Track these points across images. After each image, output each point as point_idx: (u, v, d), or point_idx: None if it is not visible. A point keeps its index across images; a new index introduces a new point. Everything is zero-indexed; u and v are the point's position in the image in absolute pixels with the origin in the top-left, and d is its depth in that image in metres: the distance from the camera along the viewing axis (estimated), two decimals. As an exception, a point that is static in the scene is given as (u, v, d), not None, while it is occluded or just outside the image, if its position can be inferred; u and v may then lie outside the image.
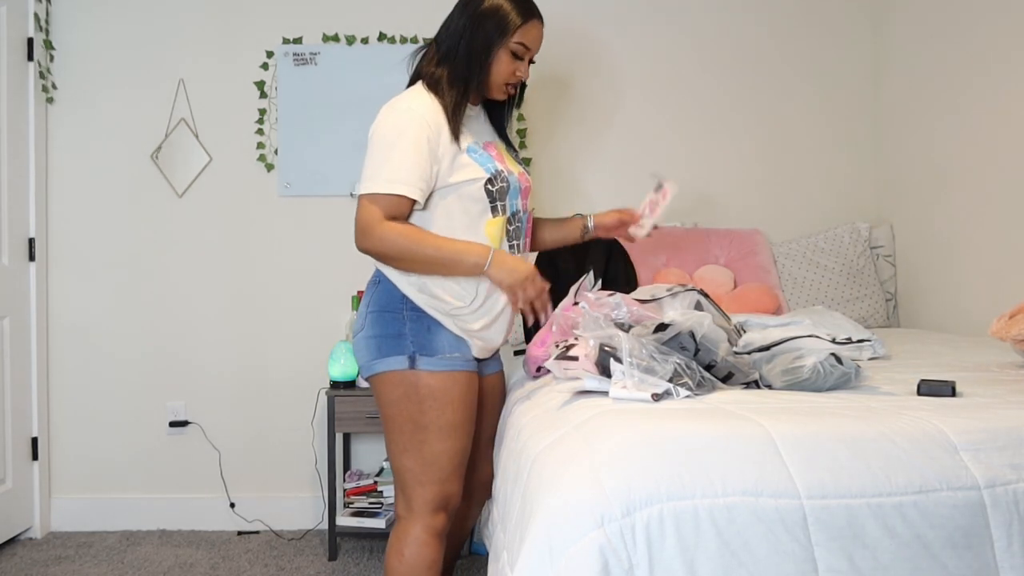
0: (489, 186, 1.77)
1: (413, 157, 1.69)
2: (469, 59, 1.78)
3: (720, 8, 3.31)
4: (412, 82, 1.85)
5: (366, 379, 1.82)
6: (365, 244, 1.71)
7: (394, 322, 1.77)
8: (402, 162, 1.69)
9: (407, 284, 1.78)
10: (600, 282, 1.96)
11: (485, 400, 1.97)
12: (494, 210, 1.79)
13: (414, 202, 1.73)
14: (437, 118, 1.74)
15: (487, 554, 1.88)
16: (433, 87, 1.79)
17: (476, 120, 1.88)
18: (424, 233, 1.73)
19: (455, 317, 1.79)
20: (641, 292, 1.76)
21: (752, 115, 3.31)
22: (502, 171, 1.80)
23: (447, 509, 1.80)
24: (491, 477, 2.00)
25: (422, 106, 1.74)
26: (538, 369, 1.95)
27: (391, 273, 1.80)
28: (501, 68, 1.80)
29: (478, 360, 1.87)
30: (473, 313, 1.79)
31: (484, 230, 1.78)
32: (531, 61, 1.86)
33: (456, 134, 1.75)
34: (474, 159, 1.78)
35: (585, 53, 3.29)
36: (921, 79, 3.05)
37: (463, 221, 1.77)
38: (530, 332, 2.36)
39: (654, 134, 3.30)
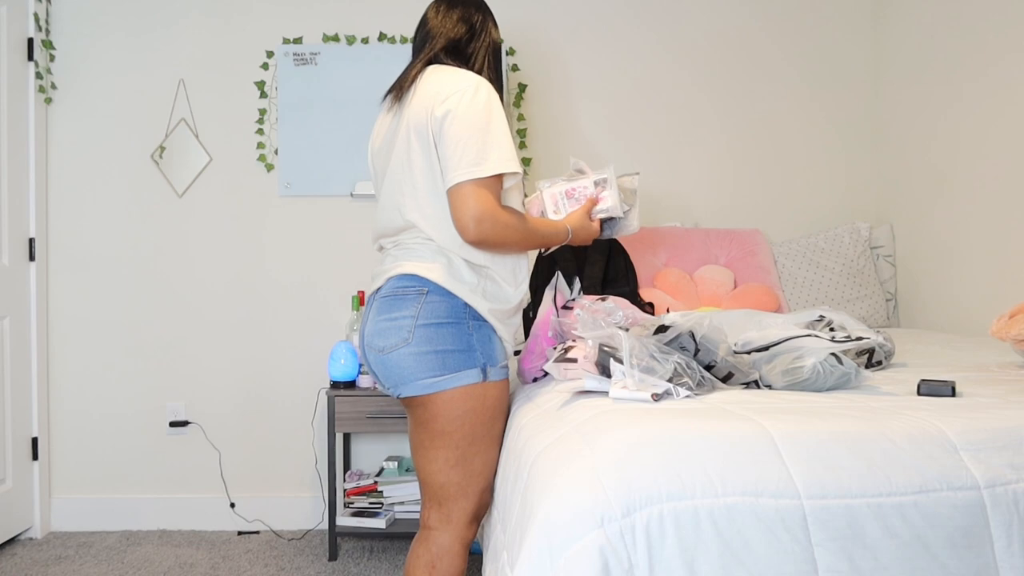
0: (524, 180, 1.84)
1: (509, 136, 1.66)
2: (497, 64, 1.84)
3: (719, 8, 3.31)
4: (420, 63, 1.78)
5: (410, 396, 1.68)
6: (484, 231, 1.61)
7: (460, 335, 1.65)
8: (504, 140, 1.64)
9: (471, 292, 1.67)
10: (579, 284, 1.96)
11: None
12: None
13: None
14: None
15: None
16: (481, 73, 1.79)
17: None
18: (531, 217, 1.78)
19: (512, 312, 1.78)
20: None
21: (752, 115, 3.32)
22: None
23: (479, 519, 1.77)
24: None
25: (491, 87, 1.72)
26: (534, 380, 1.94)
27: (450, 283, 1.66)
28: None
29: None
30: (519, 296, 1.78)
31: None
32: None
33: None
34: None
35: (584, 53, 3.29)
36: (921, 79, 3.05)
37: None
38: (530, 328, 2.35)
39: (655, 134, 3.30)
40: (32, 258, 3.12)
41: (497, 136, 1.63)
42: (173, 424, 3.21)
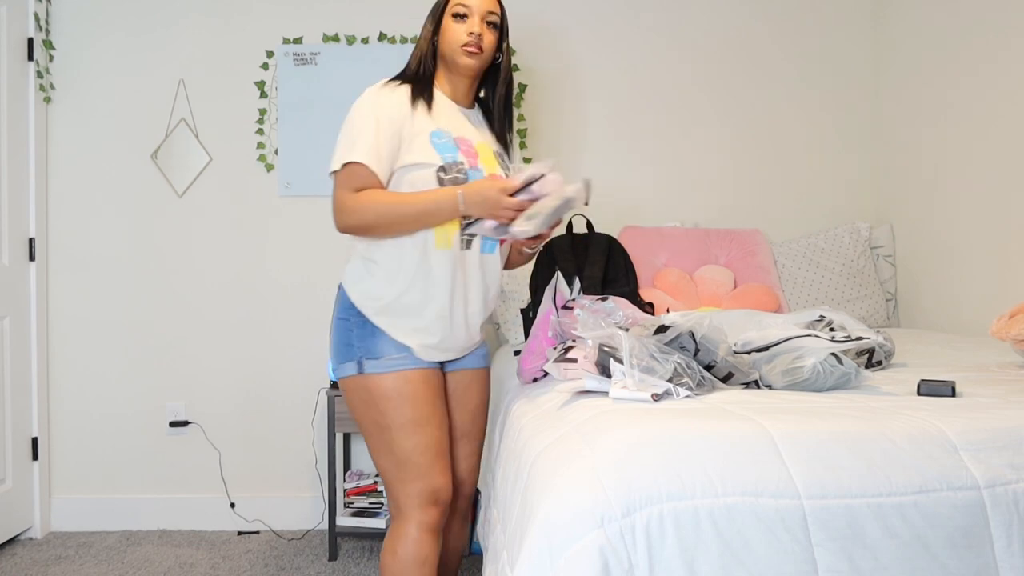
0: (441, 174, 1.74)
1: (369, 130, 1.73)
2: (422, 40, 1.86)
3: (719, 8, 3.31)
4: None
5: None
6: (343, 221, 1.74)
7: (345, 330, 1.80)
8: (358, 135, 1.74)
9: (356, 291, 1.80)
10: (579, 284, 1.95)
11: (460, 393, 1.93)
12: None
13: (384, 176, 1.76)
14: (401, 98, 1.79)
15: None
16: (403, 74, 1.86)
17: (464, 118, 1.87)
18: (394, 193, 1.75)
19: (399, 317, 1.77)
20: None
21: (752, 115, 3.32)
22: (461, 163, 1.76)
23: (437, 503, 1.77)
24: (465, 480, 1.97)
25: (384, 89, 1.80)
26: (534, 380, 1.93)
27: (347, 282, 1.82)
28: (449, 35, 1.82)
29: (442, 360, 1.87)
30: (412, 305, 1.77)
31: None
32: (494, 25, 1.86)
33: (427, 107, 1.79)
34: (435, 145, 1.77)
35: (584, 53, 3.29)
36: (921, 79, 3.05)
37: None
38: (530, 328, 2.35)
39: (655, 134, 3.30)
40: (32, 258, 3.12)
41: (351, 130, 1.75)
42: (173, 424, 3.21)
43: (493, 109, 1.95)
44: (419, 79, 1.84)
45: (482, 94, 1.96)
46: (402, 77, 1.86)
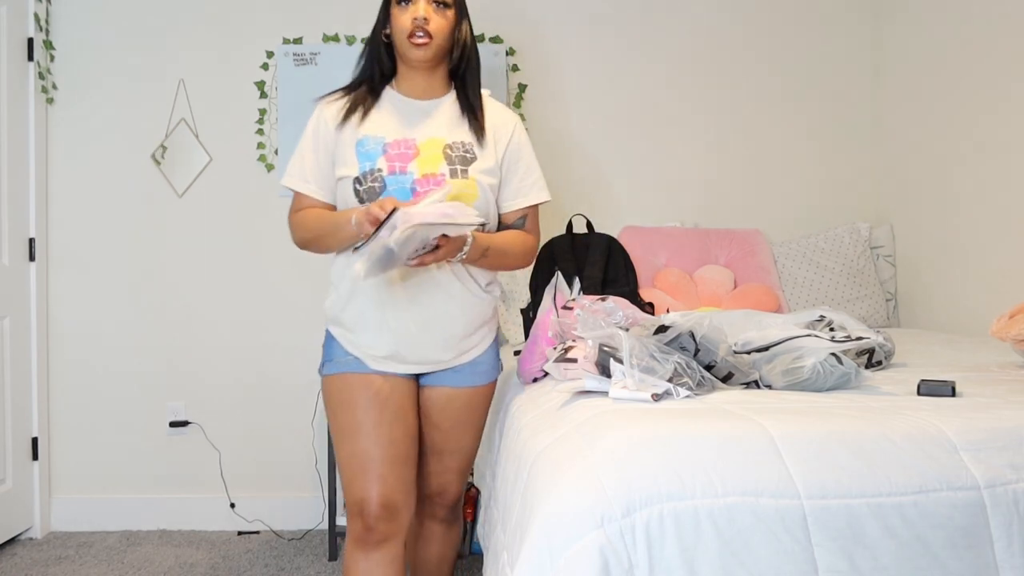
0: (357, 185, 1.68)
1: (301, 151, 1.78)
2: (373, 35, 1.82)
3: (721, 7, 3.31)
4: None
5: None
6: (292, 236, 1.80)
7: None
8: (293, 159, 1.79)
9: (328, 303, 1.84)
10: (579, 284, 1.95)
11: (431, 411, 1.86)
12: None
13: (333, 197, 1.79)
14: (332, 112, 1.77)
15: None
16: (351, 81, 1.84)
17: (420, 114, 1.77)
18: (317, 213, 1.76)
19: (346, 329, 1.80)
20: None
21: (753, 114, 3.31)
22: (379, 171, 1.68)
23: (362, 515, 1.69)
24: (443, 491, 1.94)
25: (324, 102, 1.80)
26: (534, 380, 1.93)
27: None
28: (395, 25, 1.72)
29: (420, 374, 1.82)
30: (348, 318, 1.77)
31: None
32: (443, 4, 1.71)
33: (360, 117, 1.76)
34: (359, 154, 1.71)
35: (583, 51, 3.29)
36: (921, 78, 3.05)
37: None
38: (530, 328, 2.34)
39: (655, 133, 3.30)
40: (32, 258, 3.12)
41: (295, 151, 1.80)
42: (173, 424, 3.21)
43: (465, 95, 1.79)
44: (360, 84, 1.80)
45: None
46: (348, 86, 1.82)
